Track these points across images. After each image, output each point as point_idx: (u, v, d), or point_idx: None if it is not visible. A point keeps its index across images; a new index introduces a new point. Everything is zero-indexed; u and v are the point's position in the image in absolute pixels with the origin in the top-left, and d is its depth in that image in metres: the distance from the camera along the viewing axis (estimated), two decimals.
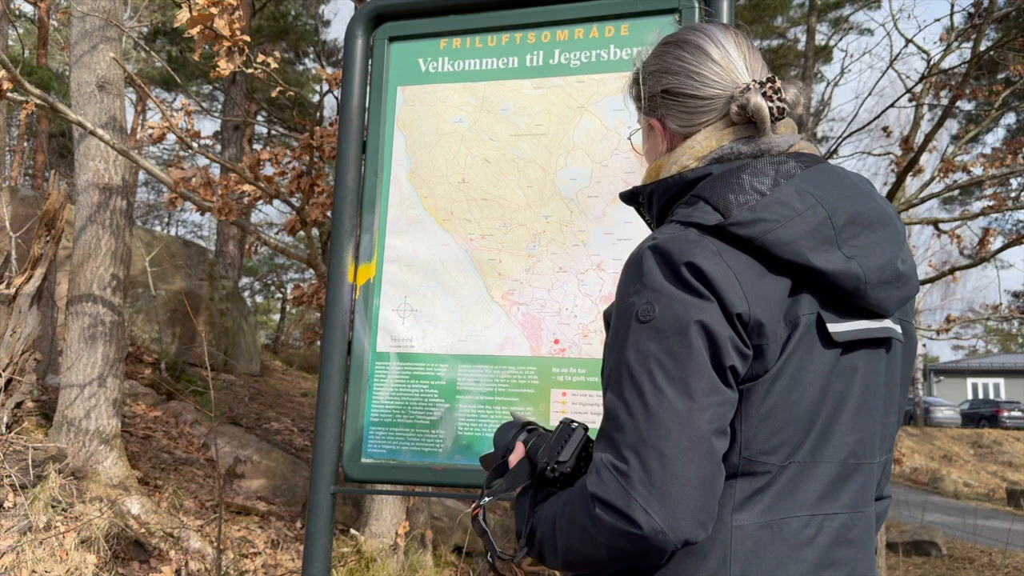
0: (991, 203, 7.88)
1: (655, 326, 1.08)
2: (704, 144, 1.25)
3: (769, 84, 1.23)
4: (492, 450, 1.39)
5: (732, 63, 1.27)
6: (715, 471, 1.06)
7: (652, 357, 1.07)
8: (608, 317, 1.23)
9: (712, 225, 1.12)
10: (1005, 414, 28.77)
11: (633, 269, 1.14)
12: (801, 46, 14.21)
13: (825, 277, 1.13)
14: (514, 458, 1.31)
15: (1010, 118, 17.09)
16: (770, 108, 1.22)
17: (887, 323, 1.20)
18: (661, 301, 1.08)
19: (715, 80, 1.26)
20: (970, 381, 38.83)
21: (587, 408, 2.19)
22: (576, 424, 1.27)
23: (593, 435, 1.27)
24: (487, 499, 1.27)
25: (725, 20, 2.23)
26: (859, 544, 1.18)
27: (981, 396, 36.84)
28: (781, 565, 1.11)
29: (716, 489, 1.06)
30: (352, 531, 6.28)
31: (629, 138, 1.49)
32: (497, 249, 2.33)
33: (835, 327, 1.14)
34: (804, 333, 1.12)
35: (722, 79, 1.26)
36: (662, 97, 1.30)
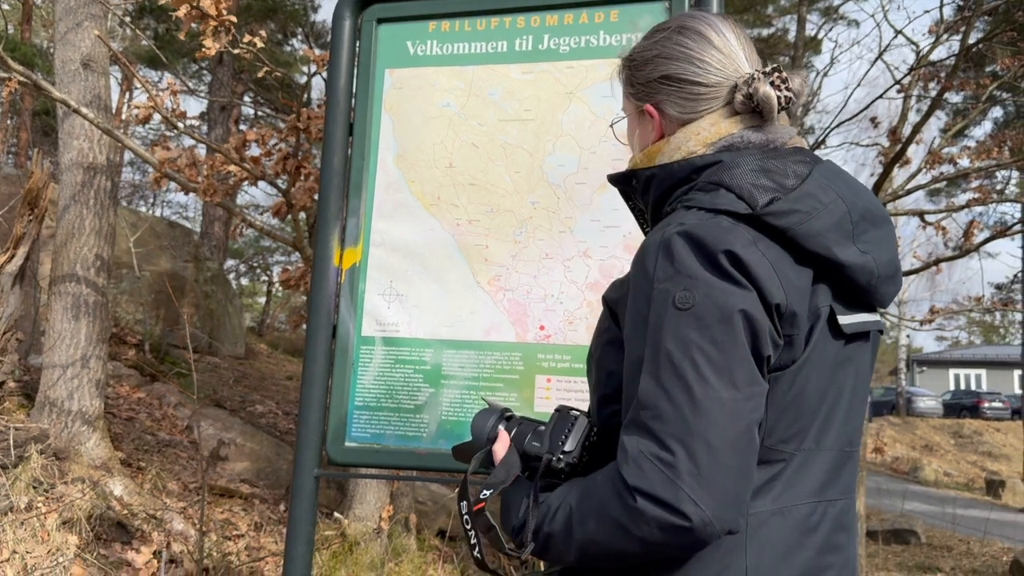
0: (976, 195, 7.93)
1: (695, 314, 1.06)
2: (712, 130, 1.24)
3: (776, 74, 1.23)
4: (470, 438, 1.35)
5: (733, 51, 1.27)
6: (754, 461, 1.07)
7: (694, 345, 1.05)
8: (612, 303, 1.21)
9: (746, 213, 1.11)
10: (986, 405, 29.05)
11: (662, 254, 1.11)
12: (791, 36, 14.22)
13: (844, 270, 1.15)
14: (500, 447, 1.27)
15: (997, 111, 17.17)
16: (778, 98, 1.22)
17: (878, 316, 1.25)
18: (699, 288, 1.07)
19: (718, 68, 1.26)
20: (952, 372, 39.16)
21: (571, 395, 2.19)
22: (576, 412, 1.24)
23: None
24: (488, 492, 1.22)
25: (715, 8, 2.22)
26: (851, 529, 1.22)
27: (963, 387, 37.16)
28: (791, 551, 1.12)
29: (752, 478, 1.07)
30: (336, 514, 6.29)
31: (612, 126, 1.47)
32: (484, 235, 2.32)
33: (844, 319, 1.16)
34: (822, 325, 1.14)
35: (724, 67, 1.26)
36: (660, 83, 1.29)
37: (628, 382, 1.13)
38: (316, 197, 4.29)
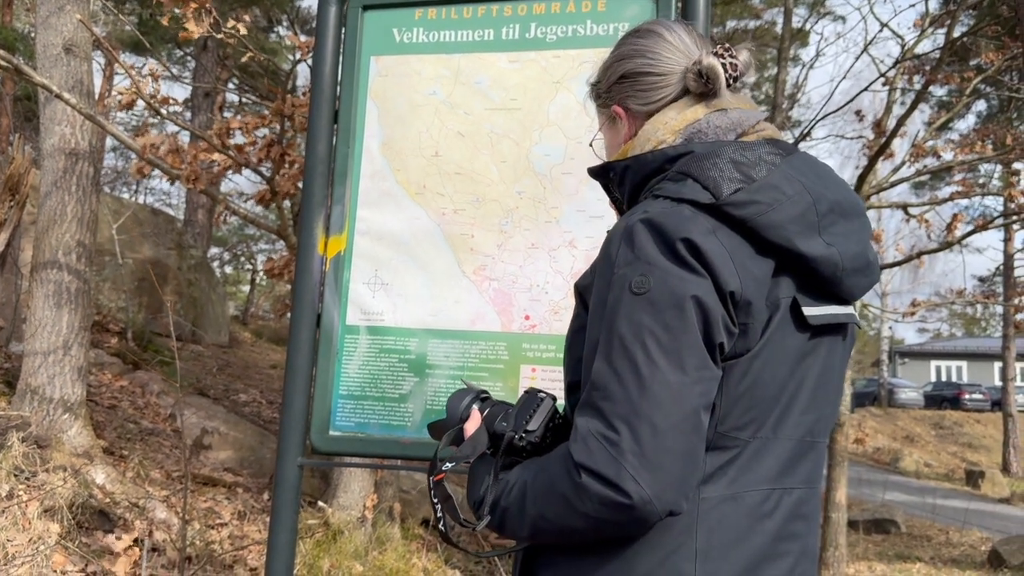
0: (960, 189, 7.98)
1: (650, 299, 1.08)
2: (679, 118, 1.26)
3: (720, 45, 1.28)
4: (446, 418, 1.38)
5: (685, 44, 1.31)
6: (700, 445, 1.09)
7: (646, 329, 1.08)
8: (582, 289, 1.23)
9: (707, 203, 1.13)
10: (967, 396, 29.28)
11: (624, 241, 1.14)
12: (778, 28, 14.22)
13: (806, 262, 1.16)
14: (471, 425, 1.30)
15: (980, 105, 17.25)
16: (723, 65, 1.26)
17: (851, 309, 1.25)
18: (655, 274, 1.09)
19: (669, 56, 1.30)
20: (934, 364, 39.46)
21: (556, 384, 2.19)
22: (543, 394, 1.27)
23: (561, 407, 1.28)
24: (450, 464, 1.26)
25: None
26: (811, 519, 1.23)
27: (944, 378, 37.45)
28: (743, 536, 1.14)
29: (700, 462, 1.09)
30: (320, 503, 6.28)
31: (591, 144, 1.48)
32: (469, 224, 2.31)
33: (810, 311, 1.17)
34: (782, 315, 1.15)
35: (675, 56, 1.30)
36: (620, 82, 1.34)
37: (586, 364, 1.15)
38: (300, 185, 4.28)
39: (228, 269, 28.06)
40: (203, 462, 6.81)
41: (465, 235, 2.31)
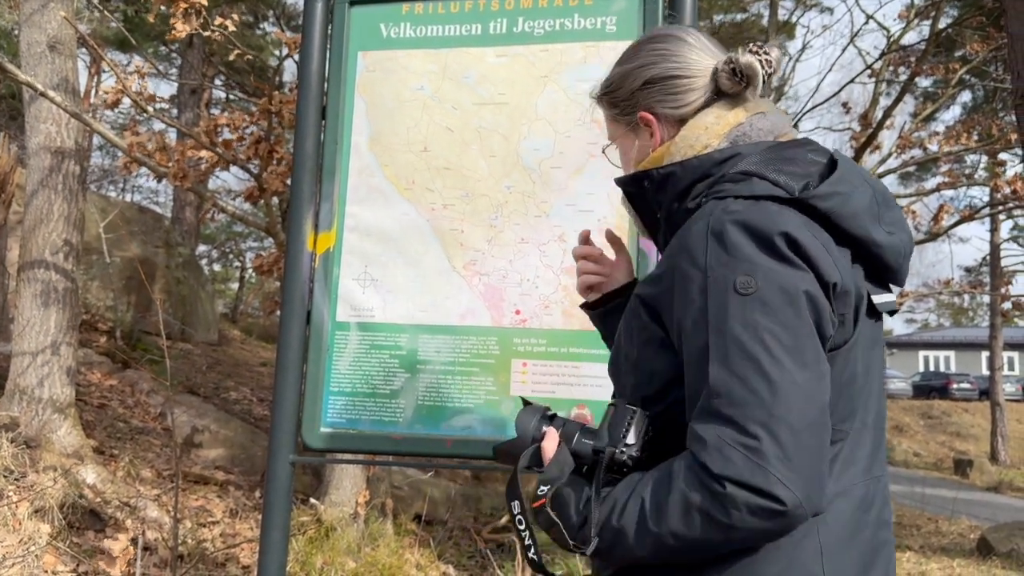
0: (946, 180, 8.03)
1: (760, 298, 1.06)
2: (720, 122, 1.26)
3: (753, 43, 1.28)
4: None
5: (705, 47, 1.31)
6: (828, 441, 1.07)
7: (764, 329, 1.05)
8: (650, 299, 1.20)
9: (792, 197, 1.12)
10: (955, 386, 29.50)
11: (712, 243, 1.11)
12: (765, 21, 14.24)
13: (877, 250, 1.17)
14: (549, 444, 1.23)
15: (965, 96, 17.33)
16: (759, 62, 1.25)
17: (894, 295, 1.27)
18: (759, 272, 1.07)
19: (695, 60, 1.29)
20: (922, 354, 39.72)
21: (547, 379, 2.20)
22: (634, 408, 1.20)
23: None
24: (545, 488, 1.19)
25: None
26: (890, 503, 1.26)
27: (932, 368, 37.70)
28: (856, 531, 1.15)
29: (828, 459, 1.08)
30: (312, 500, 6.27)
31: (604, 151, 1.46)
32: (459, 219, 2.31)
33: (876, 299, 1.19)
34: (866, 304, 1.16)
35: (701, 58, 1.30)
36: (645, 88, 1.32)
37: (693, 373, 1.11)
38: (289, 182, 4.26)
39: (217, 267, 27.94)
40: (194, 460, 6.79)
41: (455, 230, 2.31)
